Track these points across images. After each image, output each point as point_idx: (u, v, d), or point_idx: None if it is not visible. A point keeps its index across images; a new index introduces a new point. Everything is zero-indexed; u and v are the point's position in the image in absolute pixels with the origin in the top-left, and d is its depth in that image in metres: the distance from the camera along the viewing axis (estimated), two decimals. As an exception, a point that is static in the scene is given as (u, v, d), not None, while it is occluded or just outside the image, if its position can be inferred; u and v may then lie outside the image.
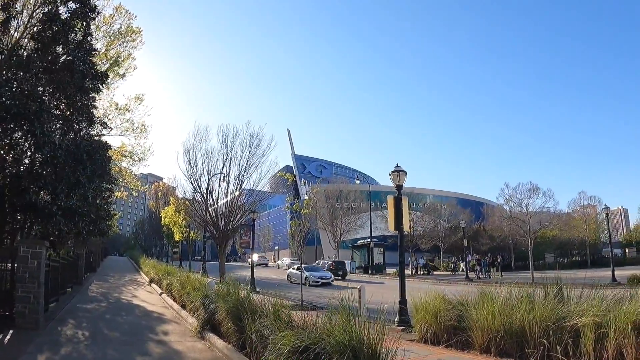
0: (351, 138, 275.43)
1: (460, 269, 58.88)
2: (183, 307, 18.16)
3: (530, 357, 8.99)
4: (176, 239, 64.74)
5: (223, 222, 35.76)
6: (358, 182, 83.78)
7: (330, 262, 55.67)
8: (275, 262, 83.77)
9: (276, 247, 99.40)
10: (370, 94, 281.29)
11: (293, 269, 45.06)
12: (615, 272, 37.65)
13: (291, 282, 40.60)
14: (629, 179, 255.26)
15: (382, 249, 66.18)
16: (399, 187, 17.67)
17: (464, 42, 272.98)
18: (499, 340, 9.95)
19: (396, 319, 15.75)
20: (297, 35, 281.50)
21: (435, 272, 60.89)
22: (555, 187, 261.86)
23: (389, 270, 57.94)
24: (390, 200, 17.68)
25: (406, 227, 17.68)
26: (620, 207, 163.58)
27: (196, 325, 14.06)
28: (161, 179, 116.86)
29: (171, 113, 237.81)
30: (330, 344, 6.86)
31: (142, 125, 36.22)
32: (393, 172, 17.85)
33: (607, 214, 47.60)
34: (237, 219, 36.59)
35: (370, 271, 59.47)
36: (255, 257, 76.19)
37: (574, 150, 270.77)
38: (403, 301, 15.83)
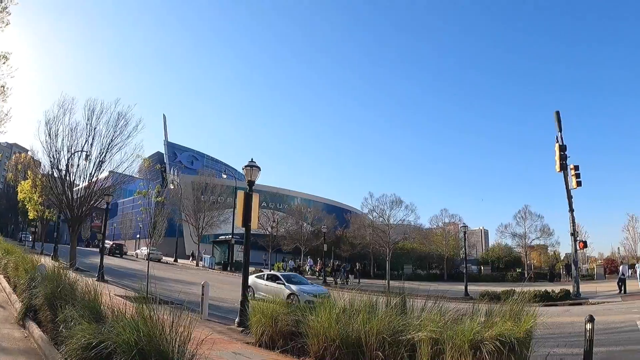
0: (228, 133, 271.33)
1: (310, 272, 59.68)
2: (15, 290, 16.96)
3: (365, 369, 8.81)
4: (30, 217, 60.51)
5: (78, 203, 33.89)
6: (225, 176, 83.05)
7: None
8: (135, 251, 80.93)
9: (137, 236, 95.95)
10: (252, 92, 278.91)
11: (261, 278, 29.10)
12: (469, 288, 39.65)
13: (255, 297, 23.75)
14: (491, 203, 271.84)
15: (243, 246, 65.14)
16: (251, 183, 17.38)
17: (342, 45, 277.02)
18: (334, 350, 9.74)
19: (236, 320, 15.50)
20: (186, 22, 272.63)
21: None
22: (419, 202, 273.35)
23: (252, 269, 57.73)
24: (240, 196, 17.41)
25: (254, 225, 17.30)
26: (481, 227, 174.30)
27: (20, 310, 13.02)
28: (27, 150, 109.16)
29: (46, 84, 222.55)
30: (118, 343, 6.21)
31: (2, 86, 33.53)
32: (246, 167, 17.50)
33: (464, 232, 50.22)
34: (93, 200, 34.82)
35: (229, 268, 58.82)
36: (110, 244, 73.69)
37: (439, 175, 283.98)
38: (245, 301, 15.40)
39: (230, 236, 61.99)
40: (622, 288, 36.28)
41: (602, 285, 47.85)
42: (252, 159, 17.53)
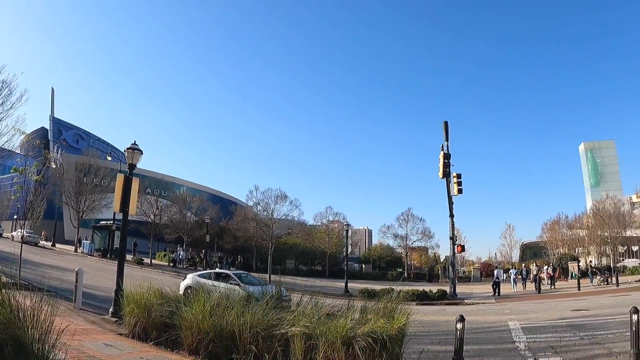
0: (120, 114, 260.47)
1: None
2: None
3: (239, 363, 8.61)
4: None
5: None
6: (110, 158, 79.57)
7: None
8: (11, 232, 76.04)
9: (15, 217, 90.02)
10: (150, 74, 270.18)
11: (207, 277, 24.65)
12: (350, 285, 40.33)
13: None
14: (377, 204, 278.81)
15: (126, 233, 63.00)
16: (132, 166, 16.83)
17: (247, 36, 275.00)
18: (208, 343, 9.49)
19: (111, 309, 15.00)
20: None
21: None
22: (304, 198, 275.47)
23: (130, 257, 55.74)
24: (119, 179, 16.60)
25: (132, 211, 16.66)
26: (366, 227, 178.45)
27: None
28: None
29: None
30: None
31: None
32: (128, 149, 16.93)
33: (347, 230, 51.01)
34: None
35: (110, 255, 56.55)
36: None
37: (326, 174, 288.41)
38: (119, 290, 14.71)
39: (111, 222, 59.70)
40: (497, 291, 38.28)
41: (478, 287, 50.31)
42: (134, 142, 16.87)
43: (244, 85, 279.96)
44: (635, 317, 9.49)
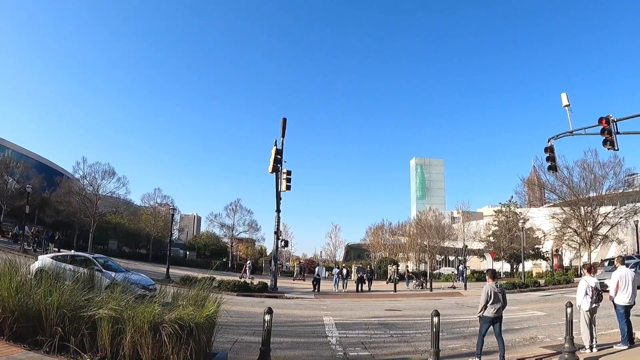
0: None
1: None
2: None
3: (44, 344, 8.25)
4: None
5: None
6: None
7: None
8: None
9: None
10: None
11: (62, 260, 20.84)
12: (173, 271, 39.68)
13: None
14: (209, 191, 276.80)
15: None
16: None
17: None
18: (13, 323, 8.75)
19: None
20: None
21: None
22: (133, 177, 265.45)
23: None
24: None
25: None
26: (195, 214, 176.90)
27: None
28: None
29: None
30: None
31: None
32: None
33: (172, 215, 50.17)
34: None
35: None
36: None
37: (156, 154, 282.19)
38: None
39: None
40: (317, 287, 39.48)
41: (300, 283, 51.56)
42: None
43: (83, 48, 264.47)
44: (436, 319, 10.21)
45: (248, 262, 57.40)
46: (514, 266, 75.99)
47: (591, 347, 12.34)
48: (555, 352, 11.99)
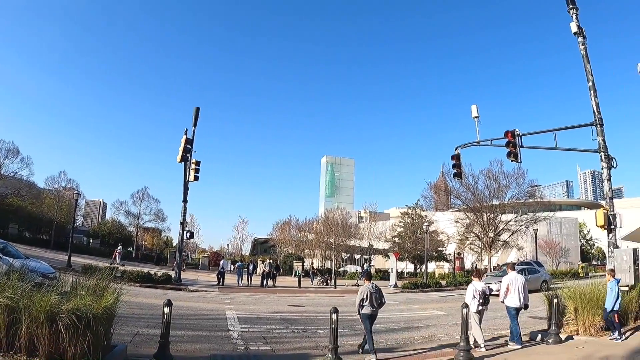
0: None
1: None
2: None
3: None
4: None
5: None
6: None
7: None
8: None
9: None
10: None
11: None
12: (76, 259, 38.43)
13: None
14: (115, 177, 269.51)
15: None
16: None
17: None
18: None
19: None
20: None
21: None
22: (37, 157, 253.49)
23: None
24: None
25: None
26: (101, 200, 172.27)
27: None
28: None
29: None
30: None
31: None
32: None
33: (76, 200, 48.71)
34: None
35: None
36: None
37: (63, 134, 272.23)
38: None
39: None
40: (221, 280, 39.15)
41: (205, 275, 51.07)
42: None
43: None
44: (335, 316, 10.41)
45: (119, 248, 56.08)
46: (418, 267, 77.99)
47: (481, 345, 13.09)
48: (452, 350, 12.51)
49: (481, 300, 13.48)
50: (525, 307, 14.25)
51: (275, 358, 12.08)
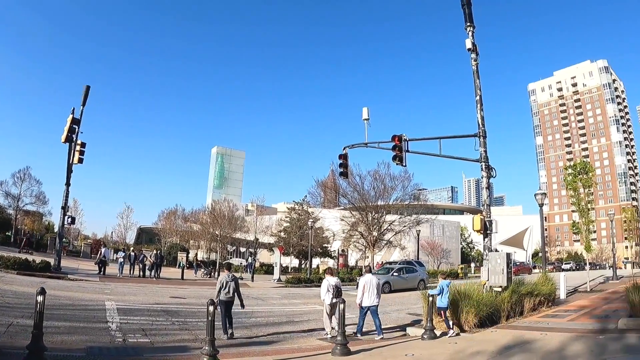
0: None
1: None
2: None
3: None
4: None
5: None
6: None
7: None
8: None
9: None
10: None
11: None
12: None
13: None
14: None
15: None
16: None
17: None
18: None
19: None
20: None
21: None
22: None
23: None
24: None
25: None
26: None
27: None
28: None
29: None
30: None
31: None
32: None
33: None
34: None
35: None
36: None
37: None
38: None
39: None
40: (102, 270, 37.83)
41: (86, 264, 49.32)
42: None
43: None
44: (211, 308, 10.53)
45: None
46: (303, 262, 78.89)
47: (328, 333, 15.14)
48: (329, 344, 13.01)
49: (334, 293, 14.96)
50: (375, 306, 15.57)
51: (153, 350, 12.04)
